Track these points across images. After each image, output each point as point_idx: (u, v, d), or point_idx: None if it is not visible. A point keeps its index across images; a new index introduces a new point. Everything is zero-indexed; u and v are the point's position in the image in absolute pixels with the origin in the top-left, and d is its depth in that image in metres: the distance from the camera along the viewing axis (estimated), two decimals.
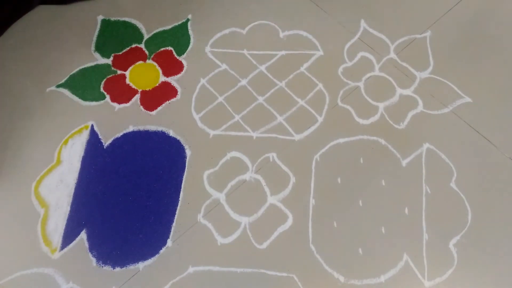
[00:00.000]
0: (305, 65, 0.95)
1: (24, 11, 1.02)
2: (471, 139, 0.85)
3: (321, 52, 0.97)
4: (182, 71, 0.95)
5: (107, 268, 0.74)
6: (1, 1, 0.95)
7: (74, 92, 0.92)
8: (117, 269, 0.74)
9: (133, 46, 0.98)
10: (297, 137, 0.87)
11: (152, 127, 0.88)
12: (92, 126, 0.87)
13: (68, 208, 0.79)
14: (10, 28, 1.01)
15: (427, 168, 0.82)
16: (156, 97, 0.92)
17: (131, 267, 0.74)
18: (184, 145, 0.86)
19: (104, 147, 0.85)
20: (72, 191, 0.81)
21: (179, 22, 1.02)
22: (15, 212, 0.79)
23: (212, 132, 0.87)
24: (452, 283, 0.72)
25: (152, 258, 0.75)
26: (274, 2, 1.04)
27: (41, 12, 1.03)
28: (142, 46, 0.98)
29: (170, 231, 0.77)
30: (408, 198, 0.80)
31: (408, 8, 1.03)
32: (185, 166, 0.83)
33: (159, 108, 0.90)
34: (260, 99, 0.91)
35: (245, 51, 0.97)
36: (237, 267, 0.74)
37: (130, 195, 0.80)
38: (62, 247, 0.76)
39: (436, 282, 0.72)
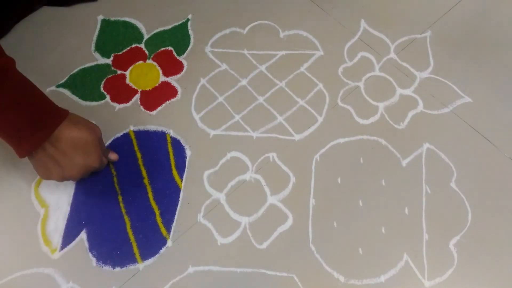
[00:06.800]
0: (305, 65, 0.95)
1: (28, 12, 1.02)
2: (471, 139, 0.85)
3: (321, 52, 0.97)
4: (182, 71, 0.95)
5: (107, 268, 0.74)
6: (6, 2, 0.95)
7: (74, 92, 0.92)
8: (117, 269, 0.74)
9: (133, 46, 0.98)
10: (297, 137, 0.87)
11: (152, 127, 0.88)
12: None
13: (68, 208, 0.79)
14: (12, 29, 1.01)
15: (427, 168, 0.82)
16: (156, 97, 0.92)
17: (131, 267, 0.74)
18: (184, 145, 0.86)
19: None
20: (72, 191, 0.81)
21: (179, 22, 1.02)
22: (15, 212, 0.79)
23: (212, 132, 0.87)
24: (452, 283, 0.72)
25: (152, 258, 0.75)
26: (274, 2, 1.04)
27: (43, 13, 1.03)
28: (142, 46, 0.98)
29: (170, 231, 0.77)
30: (408, 198, 0.80)
31: (408, 8, 1.03)
32: (185, 166, 0.83)
33: (159, 108, 0.90)
34: (260, 99, 0.91)
35: (245, 51, 0.97)
36: (237, 267, 0.74)
37: (130, 195, 0.80)
38: (62, 247, 0.76)
39: (436, 282, 0.72)
